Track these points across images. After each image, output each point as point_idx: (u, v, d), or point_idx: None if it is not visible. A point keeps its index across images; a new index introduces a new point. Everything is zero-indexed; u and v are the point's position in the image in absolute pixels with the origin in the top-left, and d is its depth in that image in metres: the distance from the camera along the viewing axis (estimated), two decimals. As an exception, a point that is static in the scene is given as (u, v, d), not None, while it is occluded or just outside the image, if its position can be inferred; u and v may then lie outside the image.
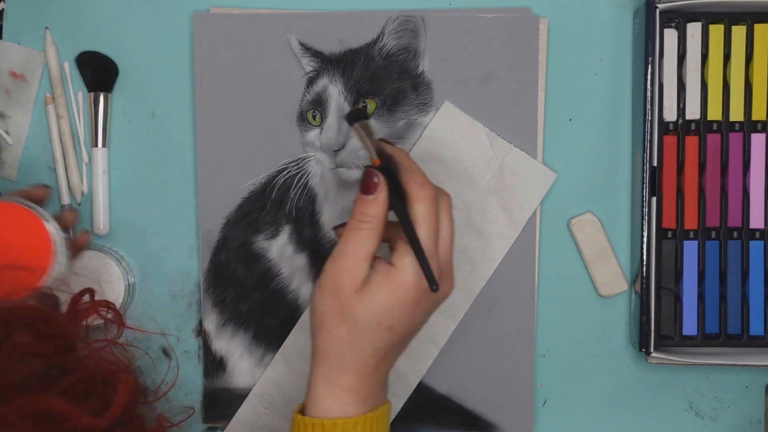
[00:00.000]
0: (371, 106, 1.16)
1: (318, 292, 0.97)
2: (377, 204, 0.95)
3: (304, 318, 1.19)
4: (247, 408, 1.20)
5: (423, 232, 0.94)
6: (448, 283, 0.98)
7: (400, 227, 0.96)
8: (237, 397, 1.20)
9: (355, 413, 0.96)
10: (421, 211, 0.95)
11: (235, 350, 1.20)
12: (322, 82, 1.17)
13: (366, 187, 0.95)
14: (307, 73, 1.17)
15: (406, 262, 0.94)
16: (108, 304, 1.09)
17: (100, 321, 1.10)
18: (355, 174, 1.17)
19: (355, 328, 0.95)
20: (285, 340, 1.19)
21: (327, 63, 1.17)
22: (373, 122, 1.16)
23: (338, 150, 1.17)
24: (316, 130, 1.17)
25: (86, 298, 1.09)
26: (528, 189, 1.17)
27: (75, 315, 1.05)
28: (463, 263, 1.18)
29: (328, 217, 1.18)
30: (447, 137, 1.17)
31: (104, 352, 1.03)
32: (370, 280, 0.95)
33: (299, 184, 1.18)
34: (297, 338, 1.19)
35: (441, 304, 0.99)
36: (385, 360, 0.97)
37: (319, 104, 1.17)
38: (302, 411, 0.99)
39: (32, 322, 0.97)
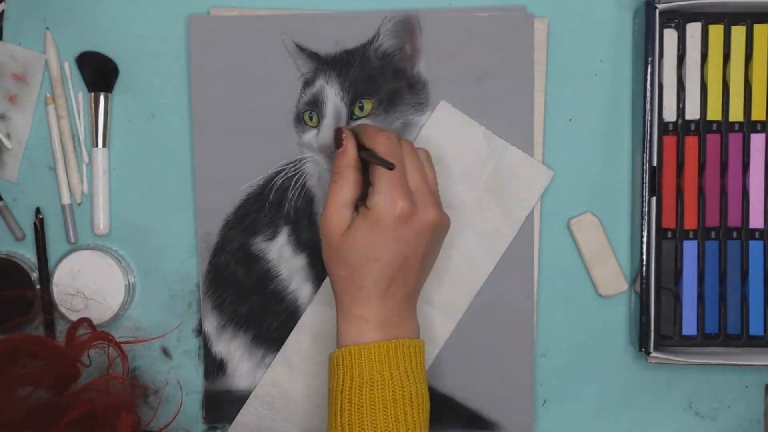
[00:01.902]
0: (368, 106, 1.16)
1: (321, 242, 1.07)
2: (346, 154, 1.06)
3: (304, 319, 1.19)
4: (249, 410, 1.20)
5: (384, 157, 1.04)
6: (429, 210, 1.05)
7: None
8: (238, 399, 1.20)
9: (371, 339, 1.04)
10: (380, 148, 1.04)
11: (235, 352, 1.20)
12: (319, 83, 1.17)
13: (337, 142, 1.07)
14: (303, 75, 1.17)
15: (375, 200, 1.03)
16: (107, 336, 1.14)
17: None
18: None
19: (349, 266, 1.04)
20: (285, 341, 1.19)
21: (323, 64, 1.17)
22: (369, 123, 1.16)
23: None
24: (313, 132, 1.17)
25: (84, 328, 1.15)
26: (525, 187, 1.17)
27: (74, 344, 1.11)
28: (461, 261, 1.18)
29: (326, 218, 1.18)
30: (444, 136, 1.17)
31: (108, 386, 1.10)
32: (352, 223, 1.05)
33: (297, 186, 1.18)
34: (297, 339, 1.19)
35: (428, 232, 1.05)
36: (390, 290, 1.05)
37: (315, 105, 1.17)
38: None
39: (32, 350, 1.06)
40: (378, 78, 1.17)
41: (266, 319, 1.20)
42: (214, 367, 1.20)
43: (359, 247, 1.03)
